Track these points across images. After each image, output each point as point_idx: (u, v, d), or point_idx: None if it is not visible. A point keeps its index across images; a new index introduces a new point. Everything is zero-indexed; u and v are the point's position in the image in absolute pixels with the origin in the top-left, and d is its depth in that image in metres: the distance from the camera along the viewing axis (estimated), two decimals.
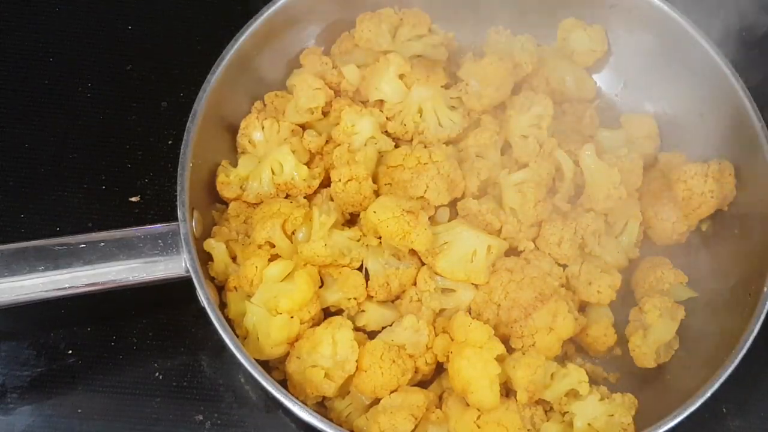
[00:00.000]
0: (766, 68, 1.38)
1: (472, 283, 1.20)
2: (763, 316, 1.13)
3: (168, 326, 1.25)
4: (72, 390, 1.21)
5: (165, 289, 1.12)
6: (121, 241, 1.10)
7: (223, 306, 1.15)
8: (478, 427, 1.09)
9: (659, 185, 1.32)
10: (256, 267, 1.14)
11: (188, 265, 1.09)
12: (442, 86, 1.34)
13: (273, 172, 1.25)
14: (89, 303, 1.14)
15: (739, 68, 1.29)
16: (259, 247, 1.18)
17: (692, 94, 1.35)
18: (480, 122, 1.34)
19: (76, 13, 1.50)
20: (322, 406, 1.15)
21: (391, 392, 1.11)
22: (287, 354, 1.13)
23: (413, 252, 1.20)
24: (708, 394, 1.06)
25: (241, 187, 1.25)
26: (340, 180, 1.21)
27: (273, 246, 1.18)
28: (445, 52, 1.38)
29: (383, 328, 1.19)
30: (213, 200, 1.27)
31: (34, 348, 1.23)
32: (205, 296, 1.08)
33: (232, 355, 1.05)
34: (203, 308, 1.08)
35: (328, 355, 1.10)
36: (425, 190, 1.20)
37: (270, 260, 1.15)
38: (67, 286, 1.07)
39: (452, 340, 1.15)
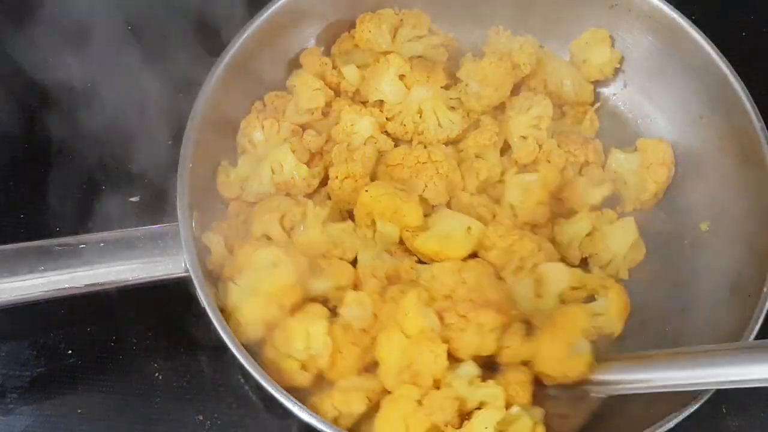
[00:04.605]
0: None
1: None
2: (762, 317, 1.13)
3: (168, 326, 1.25)
4: (72, 390, 1.21)
5: (165, 289, 1.12)
6: (121, 241, 1.10)
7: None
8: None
9: None
10: (247, 254, 1.14)
11: (188, 265, 1.09)
12: (441, 87, 1.34)
13: (273, 172, 1.25)
14: (89, 303, 1.14)
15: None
16: (257, 239, 1.18)
17: (692, 94, 1.35)
18: (479, 123, 1.34)
19: (75, 13, 1.49)
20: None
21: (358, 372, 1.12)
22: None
23: (405, 249, 1.21)
24: (708, 395, 1.06)
25: (240, 187, 1.25)
26: (337, 177, 1.22)
27: (270, 239, 1.18)
28: (445, 52, 1.38)
29: None
30: (213, 200, 1.27)
31: (34, 348, 1.23)
32: (205, 296, 1.08)
33: (232, 355, 1.05)
34: (203, 308, 1.08)
35: (302, 348, 1.09)
36: (424, 189, 1.20)
37: None
38: (66, 286, 1.07)
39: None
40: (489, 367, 1.14)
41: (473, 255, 1.22)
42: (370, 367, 1.13)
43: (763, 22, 1.59)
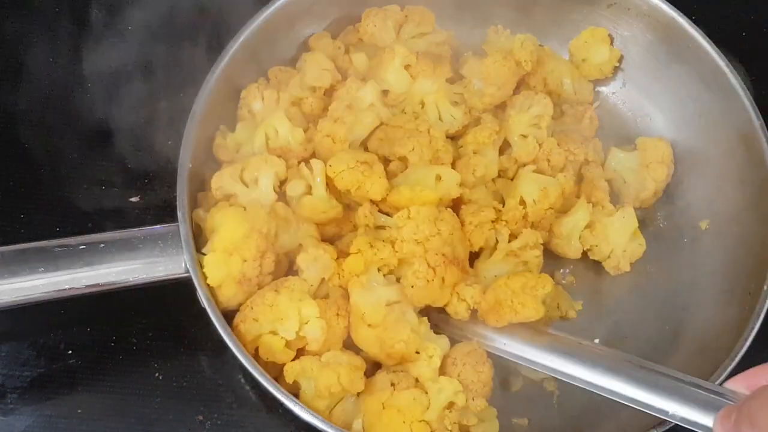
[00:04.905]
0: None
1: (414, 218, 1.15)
2: (762, 316, 1.13)
3: (168, 326, 1.25)
4: (72, 390, 1.20)
5: (165, 290, 1.12)
6: (121, 241, 1.10)
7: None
8: (383, 407, 1.09)
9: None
10: (210, 219, 1.15)
11: (188, 266, 1.09)
12: (447, 79, 1.34)
13: (267, 137, 1.24)
14: (89, 304, 1.13)
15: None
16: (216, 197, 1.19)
17: (691, 93, 1.35)
18: (480, 120, 1.34)
19: (76, 13, 1.49)
20: None
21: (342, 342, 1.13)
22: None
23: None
24: None
25: (236, 151, 1.25)
26: (320, 132, 1.22)
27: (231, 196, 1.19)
28: (449, 49, 1.38)
29: None
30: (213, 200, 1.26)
31: (34, 348, 1.23)
32: (205, 296, 1.08)
33: (232, 355, 1.05)
34: (203, 308, 1.08)
35: (293, 329, 1.09)
36: (410, 151, 1.21)
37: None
38: (67, 287, 1.07)
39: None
40: None
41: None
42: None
43: (763, 22, 1.59)
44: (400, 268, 1.15)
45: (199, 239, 1.16)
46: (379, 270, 1.14)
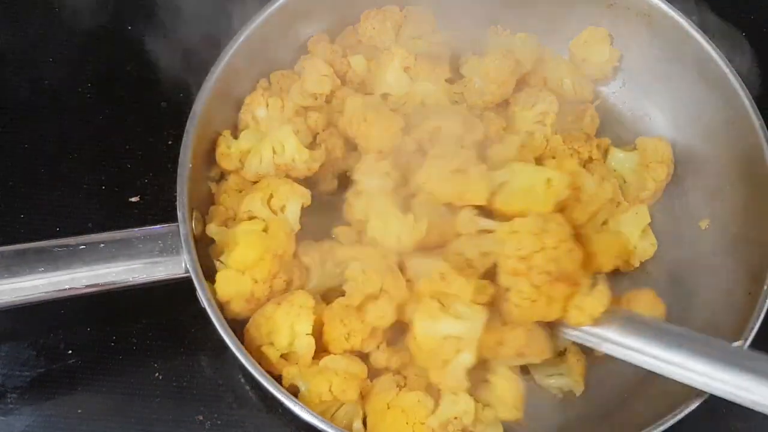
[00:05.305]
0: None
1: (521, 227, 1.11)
2: (762, 316, 1.13)
3: (168, 326, 1.25)
4: (72, 390, 1.20)
5: (165, 290, 1.11)
6: (121, 242, 1.09)
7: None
8: (387, 407, 1.09)
9: None
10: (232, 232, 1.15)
11: (188, 266, 1.09)
12: (446, 80, 1.34)
13: (274, 152, 1.23)
14: (89, 304, 1.14)
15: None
16: (242, 218, 1.18)
17: (691, 92, 1.35)
18: (483, 118, 1.34)
19: (75, 12, 1.50)
20: None
21: (343, 352, 1.12)
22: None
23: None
24: (708, 394, 1.06)
25: (240, 161, 1.25)
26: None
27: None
28: (448, 50, 1.38)
29: None
30: (213, 200, 1.26)
31: (34, 348, 1.23)
32: (205, 297, 1.08)
33: (232, 355, 1.05)
34: (203, 308, 1.08)
35: (285, 344, 1.10)
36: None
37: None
38: (67, 287, 1.07)
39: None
40: None
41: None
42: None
43: (763, 22, 1.59)
44: (508, 280, 1.10)
45: (200, 241, 1.16)
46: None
